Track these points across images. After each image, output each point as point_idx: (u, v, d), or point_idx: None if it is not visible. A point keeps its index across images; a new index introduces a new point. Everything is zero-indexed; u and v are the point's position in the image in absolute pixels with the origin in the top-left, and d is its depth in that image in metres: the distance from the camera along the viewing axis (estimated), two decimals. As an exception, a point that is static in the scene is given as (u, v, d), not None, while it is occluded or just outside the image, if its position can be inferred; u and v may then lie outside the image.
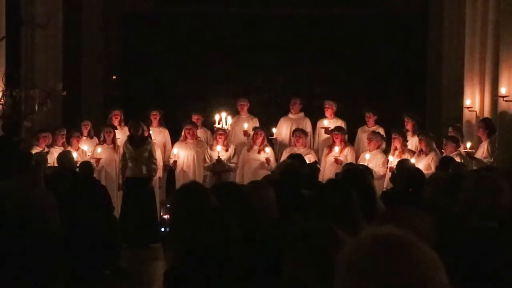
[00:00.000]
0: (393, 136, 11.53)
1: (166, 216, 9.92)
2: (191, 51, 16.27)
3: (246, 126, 12.67)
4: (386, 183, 10.87)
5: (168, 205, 8.81)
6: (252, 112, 13.26)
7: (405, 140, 11.52)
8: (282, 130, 12.96)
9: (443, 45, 14.76)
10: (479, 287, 3.22)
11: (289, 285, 2.73)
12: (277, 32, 16.22)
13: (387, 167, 11.10)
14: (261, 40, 16.27)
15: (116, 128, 12.32)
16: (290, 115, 13.14)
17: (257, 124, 12.73)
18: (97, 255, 8.38)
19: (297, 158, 8.75)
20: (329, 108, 12.86)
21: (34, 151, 10.50)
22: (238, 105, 13.18)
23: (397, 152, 11.25)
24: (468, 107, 12.41)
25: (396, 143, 11.36)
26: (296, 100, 13.17)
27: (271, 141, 12.52)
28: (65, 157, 10.35)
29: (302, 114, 13.13)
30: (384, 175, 11.21)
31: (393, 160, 10.92)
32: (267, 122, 13.27)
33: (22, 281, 4.69)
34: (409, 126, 12.23)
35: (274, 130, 12.72)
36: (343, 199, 4.01)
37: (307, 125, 12.85)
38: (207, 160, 11.93)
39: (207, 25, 16.21)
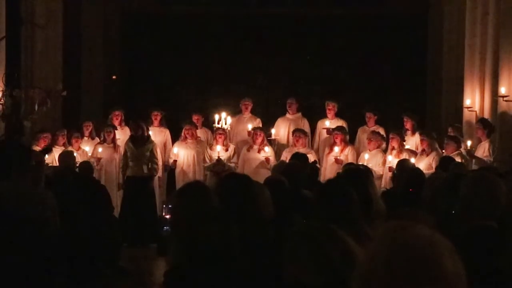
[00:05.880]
0: (391, 136, 11.55)
1: (168, 216, 9.93)
2: (191, 51, 16.27)
3: (250, 127, 12.67)
4: (384, 183, 10.89)
5: (170, 205, 8.80)
6: (252, 112, 13.27)
7: (402, 140, 11.55)
8: (280, 130, 12.97)
9: (443, 45, 14.77)
10: None
11: (289, 285, 2.73)
12: (277, 32, 16.22)
13: (387, 166, 11.12)
14: (261, 40, 16.27)
15: (116, 128, 12.33)
16: (287, 115, 13.16)
17: (260, 125, 12.76)
18: (97, 255, 8.38)
19: (300, 158, 8.76)
20: (332, 109, 12.88)
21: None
22: (242, 105, 13.20)
23: (394, 152, 11.27)
24: (468, 107, 12.41)
25: (394, 143, 11.38)
26: (292, 100, 13.21)
27: (270, 142, 12.53)
28: (66, 157, 10.34)
29: (299, 114, 13.16)
30: (383, 175, 11.23)
31: (392, 160, 10.94)
32: (267, 122, 13.28)
33: (21, 281, 4.69)
34: (408, 125, 12.24)
35: (273, 131, 12.72)
36: (343, 199, 4.01)
37: (305, 125, 12.87)
38: (207, 160, 11.94)
39: (207, 25, 16.21)
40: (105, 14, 16.00)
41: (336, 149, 11.74)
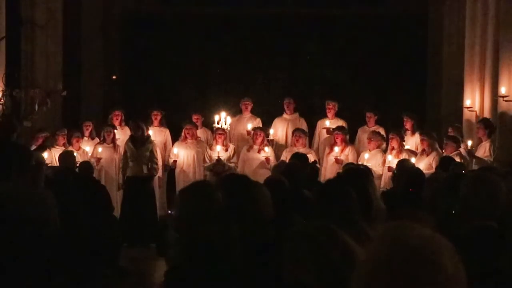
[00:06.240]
0: (390, 136, 11.55)
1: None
2: (191, 51, 16.27)
3: (249, 126, 12.68)
4: (384, 183, 10.89)
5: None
6: (252, 112, 13.27)
7: (402, 140, 11.55)
8: (278, 130, 12.97)
9: (443, 45, 14.77)
10: None
11: (289, 285, 2.73)
12: (277, 32, 16.22)
13: (386, 166, 11.12)
14: (261, 40, 16.27)
15: (115, 128, 12.33)
16: (284, 116, 13.16)
17: (260, 124, 12.76)
18: (97, 255, 8.38)
19: (300, 158, 8.76)
20: (332, 108, 12.88)
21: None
22: (242, 105, 13.20)
23: (394, 152, 11.27)
24: (468, 107, 12.41)
25: (394, 143, 11.38)
26: (290, 100, 13.22)
27: (268, 142, 12.53)
28: (66, 157, 10.34)
29: (296, 114, 13.16)
30: (382, 175, 11.23)
31: (391, 160, 10.95)
32: (268, 122, 13.28)
33: (21, 281, 4.69)
34: (408, 125, 12.24)
35: (271, 131, 12.71)
36: (343, 199, 4.01)
37: (302, 125, 12.86)
38: (207, 160, 11.94)
39: (207, 25, 16.21)
40: (105, 14, 15.99)
41: (336, 149, 11.74)
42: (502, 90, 10.56)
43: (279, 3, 16.23)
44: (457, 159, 9.93)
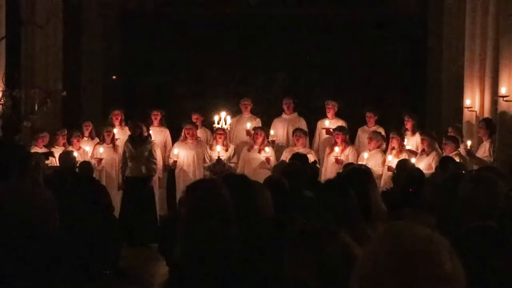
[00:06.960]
0: (391, 136, 11.55)
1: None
2: (191, 51, 16.27)
3: (249, 125, 12.68)
4: (384, 183, 10.89)
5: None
6: (252, 112, 13.27)
7: (402, 140, 11.55)
8: (278, 131, 12.97)
9: (443, 45, 14.76)
10: None
11: (289, 285, 2.73)
12: (277, 32, 16.22)
13: (386, 166, 11.12)
14: (261, 40, 16.27)
15: (115, 128, 12.34)
16: (284, 116, 13.16)
17: (260, 124, 12.76)
18: (97, 255, 8.38)
19: (301, 158, 8.76)
20: (331, 108, 12.88)
21: (32, 151, 10.48)
22: (242, 105, 13.20)
23: (394, 152, 11.28)
24: (468, 107, 12.41)
25: (394, 143, 11.38)
26: (289, 100, 13.22)
27: (269, 143, 12.53)
28: (66, 157, 10.35)
29: (295, 114, 13.15)
30: (382, 175, 11.23)
31: (391, 160, 10.95)
32: (268, 122, 13.28)
33: (21, 281, 4.69)
34: (408, 125, 12.24)
35: (271, 132, 12.70)
36: (343, 199, 4.01)
37: (302, 125, 12.85)
38: (207, 160, 11.94)
39: (207, 25, 16.20)
40: (105, 14, 15.99)
41: (337, 149, 11.75)
42: (502, 90, 10.55)
43: (279, 3, 16.23)
44: (457, 159, 9.92)
